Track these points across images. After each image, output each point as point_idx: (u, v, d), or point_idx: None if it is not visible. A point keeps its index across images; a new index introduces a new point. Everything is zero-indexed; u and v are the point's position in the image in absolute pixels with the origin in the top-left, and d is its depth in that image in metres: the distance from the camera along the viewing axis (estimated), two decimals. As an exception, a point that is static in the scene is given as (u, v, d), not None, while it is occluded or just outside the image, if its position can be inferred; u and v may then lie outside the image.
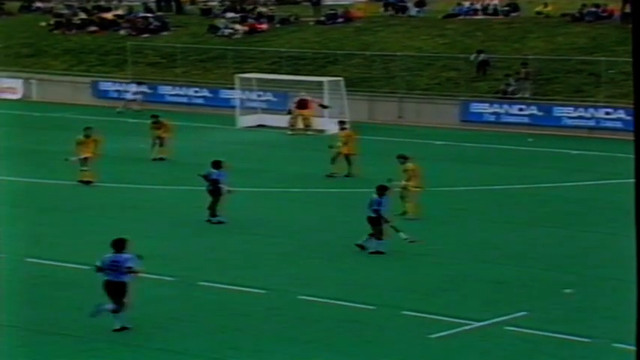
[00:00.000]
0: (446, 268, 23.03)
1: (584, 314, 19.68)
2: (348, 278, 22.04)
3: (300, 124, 42.92)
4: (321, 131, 42.44)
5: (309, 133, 42.29)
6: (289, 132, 42.58)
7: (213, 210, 26.78)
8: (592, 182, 28.93)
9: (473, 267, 23.03)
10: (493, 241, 25.23)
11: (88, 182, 31.50)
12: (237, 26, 55.18)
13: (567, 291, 20.68)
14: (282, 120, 43.65)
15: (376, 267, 22.87)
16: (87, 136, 31.95)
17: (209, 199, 26.80)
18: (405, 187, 27.18)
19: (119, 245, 18.34)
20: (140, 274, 18.63)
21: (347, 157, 32.72)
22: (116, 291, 18.24)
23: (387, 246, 23.60)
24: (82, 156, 31.55)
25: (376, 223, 23.49)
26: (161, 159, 35.89)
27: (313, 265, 22.96)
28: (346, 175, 32.60)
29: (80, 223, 26.84)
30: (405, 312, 19.67)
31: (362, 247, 23.73)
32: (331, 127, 42.82)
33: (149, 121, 36.94)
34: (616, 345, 17.78)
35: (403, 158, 27.84)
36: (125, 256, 18.28)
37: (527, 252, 24.17)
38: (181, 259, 23.68)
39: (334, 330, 18.83)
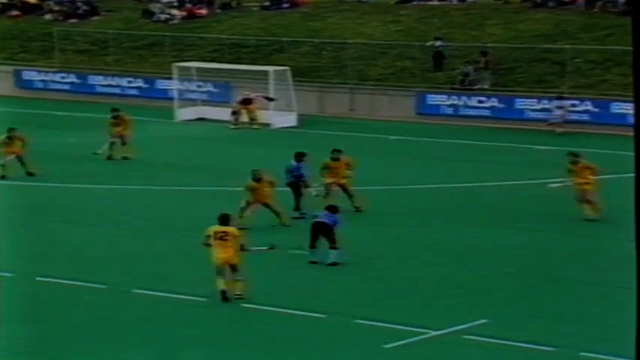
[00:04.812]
0: (401, 272, 23.09)
1: (548, 321, 19.83)
2: (296, 285, 22.05)
3: (245, 118, 42.87)
4: (267, 125, 42.42)
5: (255, 127, 42.23)
6: (232, 126, 42.49)
7: (297, 205, 27.17)
8: (557, 179, 29.13)
9: (430, 271, 23.12)
10: (452, 243, 25.32)
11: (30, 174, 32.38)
12: (174, 11, 54.95)
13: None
14: (224, 113, 43.54)
15: (326, 272, 22.88)
16: (10, 137, 32.63)
17: (292, 194, 27.33)
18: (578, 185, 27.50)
19: (333, 209, 23.65)
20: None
21: None
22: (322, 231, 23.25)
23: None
24: (10, 157, 32.37)
25: None
26: (125, 158, 35.48)
27: (258, 271, 22.89)
28: None
29: (13, 227, 26.51)
30: (357, 320, 19.71)
31: None
32: (278, 120, 42.91)
33: (108, 116, 36.47)
34: (583, 354, 17.94)
35: (574, 156, 27.96)
36: (336, 216, 23.44)
37: (488, 254, 24.31)
38: (114, 264, 23.53)
39: (281, 340, 18.84)
